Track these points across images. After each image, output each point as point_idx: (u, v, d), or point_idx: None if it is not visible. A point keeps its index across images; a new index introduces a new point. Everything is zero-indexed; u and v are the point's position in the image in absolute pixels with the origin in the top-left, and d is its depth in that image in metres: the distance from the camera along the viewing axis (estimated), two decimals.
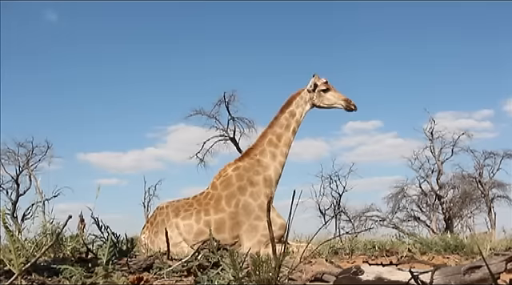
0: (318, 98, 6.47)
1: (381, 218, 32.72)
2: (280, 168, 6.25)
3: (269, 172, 6.14)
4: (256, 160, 6.21)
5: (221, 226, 5.71)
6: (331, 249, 5.35)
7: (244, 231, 5.73)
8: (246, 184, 5.98)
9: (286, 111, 6.45)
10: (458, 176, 32.71)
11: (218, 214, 5.78)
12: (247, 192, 5.92)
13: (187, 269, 2.73)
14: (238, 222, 5.76)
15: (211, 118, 28.79)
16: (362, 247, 5.74)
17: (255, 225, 5.73)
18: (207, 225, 5.67)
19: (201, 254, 2.98)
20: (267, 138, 6.34)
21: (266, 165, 6.18)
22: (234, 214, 5.78)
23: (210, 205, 5.88)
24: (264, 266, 1.70)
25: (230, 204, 5.83)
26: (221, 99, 28.43)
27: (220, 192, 5.97)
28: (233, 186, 5.98)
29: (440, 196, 31.81)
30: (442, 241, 5.67)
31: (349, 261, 4.72)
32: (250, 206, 5.83)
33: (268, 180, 6.09)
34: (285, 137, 6.35)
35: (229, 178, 6.07)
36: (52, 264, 3.08)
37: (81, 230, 5.05)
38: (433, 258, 4.90)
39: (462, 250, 5.32)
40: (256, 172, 6.10)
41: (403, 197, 33.43)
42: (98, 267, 2.09)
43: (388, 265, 2.07)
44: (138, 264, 3.11)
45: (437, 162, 32.47)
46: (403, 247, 5.56)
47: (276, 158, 6.25)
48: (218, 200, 5.89)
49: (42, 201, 4.52)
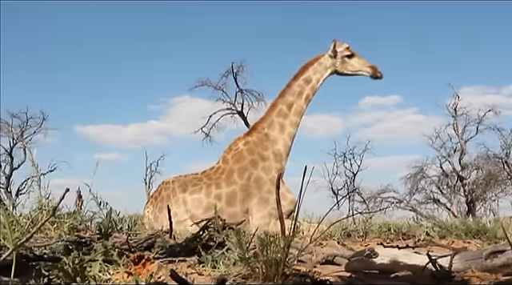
0: (341, 64, 6.46)
1: (397, 200, 32.79)
2: (289, 140, 6.34)
3: (277, 146, 6.24)
4: (264, 134, 6.32)
5: (232, 199, 5.87)
6: (344, 231, 5.39)
7: (255, 204, 5.90)
8: (257, 158, 6.13)
9: (301, 78, 6.45)
10: (483, 156, 32.53)
11: (230, 187, 5.94)
12: (259, 166, 6.08)
13: (191, 248, 2.78)
14: (249, 194, 5.92)
15: (218, 89, 28.73)
16: (377, 230, 5.77)
17: (266, 198, 5.89)
18: (218, 198, 5.84)
19: (205, 233, 3.02)
20: (277, 109, 6.40)
21: (273, 139, 6.28)
22: (246, 186, 5.94)
23: (222, 179, 6.02)
24: (272, 247, 1.72)
25: (243, 177, 5.99)
26: (228, 70, 28.31)
27: (232, 166, 6.11)
28: (245, 159, 6.13)
29: (462, 177, 31.72)
30: (462, 225, 5.68)
31: (362, 244, 4.75)
32: (261, 180, 5.99)
33: (278, 155, 6.21)
34: (296, 105, 6.39)
35: (240, 152, 6.21)
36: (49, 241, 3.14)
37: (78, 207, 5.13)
38: (452, 242, 4.91)
39: (485, 235, 5.32)
40: (265, 147, 6.22)
41: (422, 178, 33.38)
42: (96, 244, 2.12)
43: (404, 248, 2.09)
44: (139, 243, 3.16)
45: (460, 140, 32.26)
46: (421, 231, 5.57)
47: (285, 130, 6.33)
48: (230, 174, 6.05)
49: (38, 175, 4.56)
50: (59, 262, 2.15)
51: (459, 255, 1.89)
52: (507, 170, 31.69)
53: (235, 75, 28.29)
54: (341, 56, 6.45)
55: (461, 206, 32.12)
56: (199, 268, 2.51)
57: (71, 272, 1.73)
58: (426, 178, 33.47)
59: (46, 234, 4.06)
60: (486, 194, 31.90)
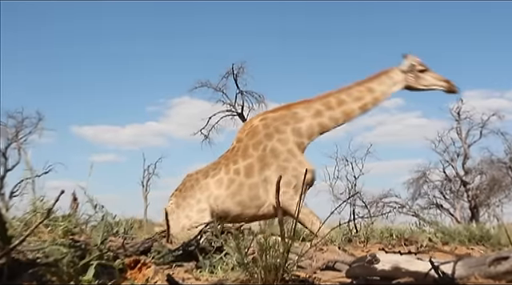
0: (415, 79, 6.35)
1: (400, 205, 32.75)
2: (317, 128, 6.25)
3: (300, 124, 6.20)
4: (292, 112, 6.30)
5: (250, 171, 6.03)
6: (345, 236, 5.38)
7: (273, 171, 5.97)
8: (272, 132, 6.18)
9: (364, 85, 6.39)
10: (487, 161, 32.53)
11: (247, 160, 6.09)
12: (274, 138, 6.13)
13: (189, 253, 2.77)
14: (266, 163, 6.03)
15: (218, 91, 28.72)
16: (379, 235, 5.77)
17: (284, 166, 5.95)
18: (237, 173, 6.03)
19: (203, 237, 3.01)
20: (326, 99, 6.35)
21: (300, 118, 6.24)
22: (262, 156, 6.06)
23: (238, 155, 6.18)
24: (271, 251, 1.72)
25: (258, 149, 6.12)
26: (229, 71, 28.31)
27: (246, 142, 6.24)
28: (259, 134, 6.22)
29: (466, 182, 31.71)
30: (466, 230, 5.68)
31: (363, 249, 4.75)
32: (277, 150, 6.07)
33: (296, 131, 6.17)
34: (348, 106, 6.30)
35: (255, 129, 6.31)
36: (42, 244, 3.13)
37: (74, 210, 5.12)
38: (456, 248, 4.91)
39: (489, 242, 5.33)
40: (285, 122, 6.22)
41: (425, 182, 33.37)
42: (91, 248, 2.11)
43: (406, 254, 2.08)
44: (135, 247, 3.15)
45: (463, 145, 32.27)
46: (423, 236, 5.57)
47: (319, 117, 6.26)
48: (245, 149, 6.19)
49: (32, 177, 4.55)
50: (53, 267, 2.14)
51: (462, 262, 1.89)
52: (511, 175, 31.70)
53: (235, 77, 28.32)
54: (415, 70, 6.34)
55: (464, 212, 32.09)
56: (196, 273, 2.50)
57: (65, 277, 1.72)
58: (429, 182, 33.46)
59: (39, 238, 4.04)
60: (489, 200, 31.88)
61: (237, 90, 28.67)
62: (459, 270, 1.88)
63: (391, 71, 6.43)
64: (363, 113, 6.37)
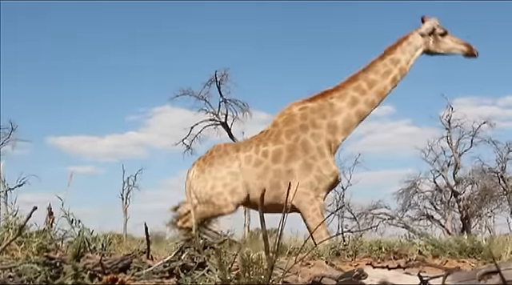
0: (435, 42, 6.51)
1: (389, 217, 32.93)
2: (356, 117, 6.40)
3: (336, 118, 6.36)
4: (329, 103, 6.42)
5: (277, 157, 6.22)
6: (332, 250, 5.38)
7: (298, 166, 6.18)
8: (308, 124, 6.33)
9: (388, 58, 6.50)
10: (478, 170, 32.93)
11: (277, 146, 6.28)
12: (309, 132, 6.29)
13: (169, 270, 2.74)
14: (294, 155, 6.21)
15: (200, 99, 28.77)
16: (367, 248, 5.77)
17: (310, 163, 6.17)
18: (265, 155, 6.25)
19: (185, 253, 2.99)
20: (355, 83, 6.45)
21: (337, 110, 6.37)
22: (292, 146, 6.24)
23: (270, 139, 6.37)
24: (255, 268, 1.72)
25: (290, 138, 6.29)
26: (212, 79, 28.39)
27: (281, 128, 6.42)
28: (295, 123, 6.37)
29: (457, 193, 32.01)
30: (457, 243, 5.71)
31: (352, 263, 4.75)
32: (308, 144, 6.25)
33: (332, 126, 6.34)
34: (379, 85, 6.42)
35: (293, 116, 6.45)
36: (15, 262, 3.08)
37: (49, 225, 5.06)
38: (446, 261, 4.94)
39: (480, 254, 5.36)
40: (322, 115, 6.36)
41: (415, 193, 33.65)
42: (66, 266, 2.09)
43: (395, 268, 2.10)
44: (113, 263, 3.11)
45: (454, 154, 32.61)
46: (413, 249, 5.59)
47: (355, 105, 6.38)
48: (278, 134, 6.37)
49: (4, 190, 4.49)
50: None
51: (452, 276, 1.90)
52: (503, 185, 32.07)
53: (219, 84, 28.40)
54: (434, 34, 6.50)
55: (455, 223, 32.37)
56: None
57: None
58: (419, 193, 33.75)
59: (12, 255, 3.98)
60: (481, 211, 32.22)
61: (220, 98, 28.77)
62: (449, 284, 1.89)
63: (411, 36, 6.59)
64: (394, 87, 6.53)
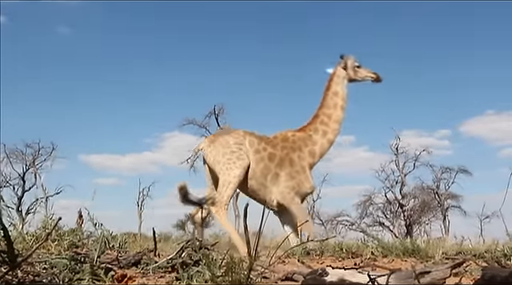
0: (354, 72, 6.93)
1: (350, 223, 32.80)
2: (327, 144, 6.81)
3: (315, 147, 6.73)
4: (308, 135, 6.79)
5: (272, 157, 6.55)
6: (304, 250, 5.33)
7: (284, 174, 6.48)
8: (296, 148, 6.69)
9: (329, 93, 6.90)
10: (419, 187, 33.11)
11: (274, 150, 6.56)
12: (296, 153, 6.64)
13: (171, 265, 2.70)
14: (283, 164, 6.53)
15: (202, 127, 28.80)
16: (332, 249, 5.72)
17: (294, 175, 6.52)
18: (264, 150, 6.49)
19: (185, 252, 2.94)
20: (320, 118, 6.84)
21: (314, 140, 6.74)
22: (283, 158, 6.56)
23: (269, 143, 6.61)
24: (237, 268, 1.69)
25: (283, 151, 6.64)
26: (211, 111, 28.47)
27: (278, 141, 6.70)
28: (288, 142, 6.73)
29: (402, 205, 32.06)
30: (401, 245, 5.67)
31: (318, 262, 4.70)
32: (294, 161, 6.61)
33: (312, 153, 6.72)
34: (334, 115, 6.84)
35: (287, 137, 6.81)
36: (49, 256, 3.01)
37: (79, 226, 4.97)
38: (393, 260, 4.90)
39: (419, 254, 5.33)
40: (305, 144, 6.74)
41: (370, 204, 33.63)
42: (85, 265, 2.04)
43: (350, 269, 2.07)
44: (128, 259, 3.05)
45: (401, 174, 32.78)
46: (367, 250, 5.55)
47: (326, 136, 6.79)
48: (276, 144, 6.64)
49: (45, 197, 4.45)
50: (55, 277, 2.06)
51: (394, 275, 1.89)
52: (437, 199, 32.23)
53: (217, 115, 28.46)
54: (352, 66, 6.94)
55: (401, 229, 32.30)
56: (176, 284, 2.43)
57: None
58: (374, 204, 33.75)
59: (47, 250, 3.90)
60: (421, 219, 32.27)
61: (217, 127, 28.73)
62: (392, 282, 1.87)
63: (337, 71, 6.97)
64: (343, 112, 6.89)
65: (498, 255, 4.89)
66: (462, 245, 6.98)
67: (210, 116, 28.56)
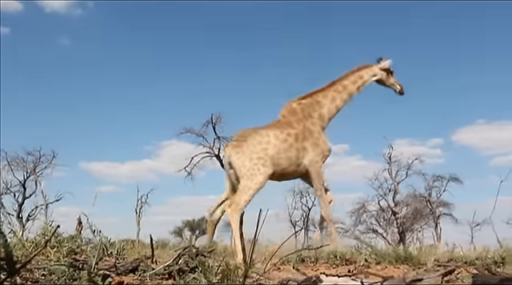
0: (386, 76, 7.46)
1: (344, 230, 32.66)
2: (335, 110, 7.22)
3: (323, 110, 7.12)
4: (316, 101, 7.17)
5: (297, 138, 6.76)
6: (299, 257, 5.30)
7: (309, 144, 6.81)
8: (306, 115, 7.02)
9: (357, 73, 7.44)
10: (411, 195, 33.05)
11: (294, 130, 6.82)
12: (309, 121, 6.97)
13: (168, 272, 2.67)
14: (305, 137, 6.83)
15: (199, 136, 28.71)
16: (326, 256, 5.68)
17: (316, 142, 6.87)
18: (289, 135, 6.72)
19: (182, 259, 2.92)
20: (335, 86, 7.30)
21: (323, 105, 7.15)
22: (303, 131, 6.84)
23: (287, 125, 6.89)
24: (232, 275, 1.67)
25: (299, 125, 6.90)
26: (208, 120, 28.40)
27: (289, 118, 7.00)
28: (297, 114, 7.02)
29: (395, 212, 32.01)
30: (394, 252, 5.65)
31: (313, 268, 4.68)
32: (311, 130, 6.91)
33: (321, 116, 7.10)
34: (349, 88, 7.32)
35: (294, 109, 7.09)
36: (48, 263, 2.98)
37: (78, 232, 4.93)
38: (386, 267, 4.88)
39: (411, 261, 5.31)
40: (313, 109, 7.11)
41: (364, 212, 33.52)
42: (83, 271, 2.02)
43: (343, 276, 2.06)
44: (125, 266, 3.03)
45: (393, 182, 32.75)
46: (361, 257, 5.53)
47: (335, 102, 7.22)
48: (290, 123, 6.92)
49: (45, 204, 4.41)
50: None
51: (387, 282, 1.88)
52: (429, 207, 32.21)
53: (214, 124, 28.38)
54: (388, 71, 7.47)
55: (394, 236, 32.20)
56: None
57: None
58: (367, 212, 33.64)
59: (47, 257, 3.86)
60: (413, 226, 32.20)
61: (214, 135, 28.70)
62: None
63: (374, 67, 7.52)
64: (358, 92, 7.38)
65: (488, 263, 4.89)
66: (453, 252, 6.95)
67: (208, 125, 28.51)
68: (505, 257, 5.02)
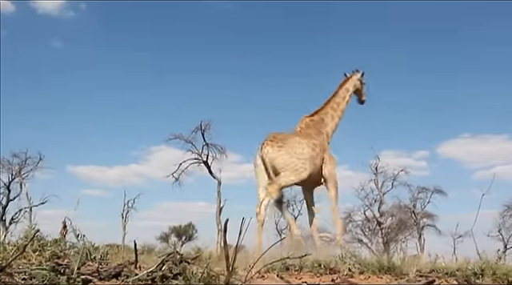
0: (361, 85, 8.66)
1: (330, 239, 32.67)
2: (335, 127, 8.37)
3: (327, 129, 8.28)
4: (321, 118, 8.29)
5: (319, 148, 7.72)
6: (283, 265, 5.28)
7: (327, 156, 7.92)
8: (318, 131, 8.12)
9: (343, 88, 8.51)
10: (396, 206, 33.25)
11: (316, 141, 7.82)
12: (321, 136, 8.09)
13: (151, 278, 2.64)
14: (323, 149, 7.89)
15: (188, 142, 28.54)
16: (310, 265, 5.68)
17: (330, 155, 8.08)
18: (315, 145, 7.68)
19: (165, 265, 2.89)
20: (330, 105, 8.38)
21: (326, 123, 8.29)
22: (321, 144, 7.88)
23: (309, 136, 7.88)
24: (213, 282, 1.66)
25: (318, 138, 7.94)
26: (197, 127, 28.28)
27: (307, 130, 8.10)
28: (312, 128, 8.15)
29: (380, 222, 32.17)
30: (377, 262, 5.67)
31: (297, 277, 4.67)
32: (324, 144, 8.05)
33: (327, 134, 8.27)
34: (341, 105, 8.43)
35: (308, 123, 8.24)
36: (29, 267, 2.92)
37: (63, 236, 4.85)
38: (369, 277, 4.89)
39: (394, 271, 5.33)
40: (322, 126, 8.25)
41: (350, 221, 33.62)
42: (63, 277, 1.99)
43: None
44: (108, 271, 2.98)
45: (379, 193, 32.93)
46: (344, 267, 5.53)
47: (334, 120, 8.34)
48: (310, 134, 7.95)
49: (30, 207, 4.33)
50: None
51: None
52: (414, 218, 32.45)
53: (203, 131, 28.27)
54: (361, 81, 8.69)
55: (379, 246, 32.32)
56: None
57: None
58: (353, 222, 33.75)
59: (28, 261, 3.78)
60: (398, 237, 32.38)
61: (203, 142, 28.59)
62: None
63: (354, 76, 8.67)
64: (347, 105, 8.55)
65: (468, 274, 4.94)
66: (435, 263, 7.00)
67: (197, 131, 28.41)
68: (484, 269, 5.08)
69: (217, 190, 26.94)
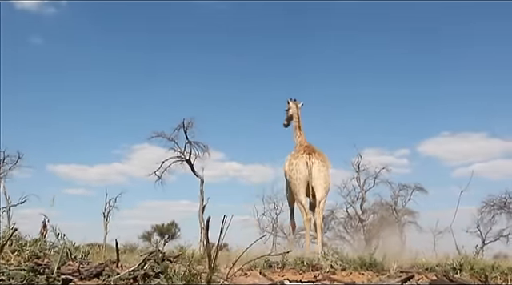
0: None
1: (312, 237, 32.89)
2: None
3: None
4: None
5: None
6: (266, 262, 5.31)
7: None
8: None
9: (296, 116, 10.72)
10: (378, 203, 33.64)
11: None
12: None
13: (133, 277, 2.62)
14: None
15: (170, 140, 28.26)
16: (293, 262, 5.72)
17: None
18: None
19: (147, 264, 2.87)
20: None
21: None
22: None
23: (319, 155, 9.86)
24: (195, 280, 1.66)
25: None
26: (180, 125, 28.02)
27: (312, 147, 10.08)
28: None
29: (362, 220, 32.54)
30: (359, 259, 5.75)
31: (280, 274, 4.69)
32: None
33: None
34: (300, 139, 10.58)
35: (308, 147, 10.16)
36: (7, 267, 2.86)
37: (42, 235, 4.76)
38: (351, 273, 4.95)
39: (375, 268, 5.42)
40: None
41: (332, 219, 33.91)
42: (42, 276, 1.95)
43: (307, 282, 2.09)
44: (89, 271, 2.95)
45: (361, 190, 33.25)
46: (326, 264, 5.58)
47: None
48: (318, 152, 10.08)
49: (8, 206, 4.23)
50: None
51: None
52: (395, 215, 32.95)
53: (185, 129, 28.03)
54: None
55: (361, 243, 32.67)
56: None
57: None
58: (336, 219, 34.04)
59: (7, 261, 3.71)
60: (379, 234, 32.80)
61: (186, 140, 28.38)
62: None
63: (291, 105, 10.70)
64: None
65: (447, 269, 5.05)
66: (416, 259, 7.14)
67: (179, 129, 28.17)
68: (463, 264, 5.20)
69: (199, 189, 26.69)
